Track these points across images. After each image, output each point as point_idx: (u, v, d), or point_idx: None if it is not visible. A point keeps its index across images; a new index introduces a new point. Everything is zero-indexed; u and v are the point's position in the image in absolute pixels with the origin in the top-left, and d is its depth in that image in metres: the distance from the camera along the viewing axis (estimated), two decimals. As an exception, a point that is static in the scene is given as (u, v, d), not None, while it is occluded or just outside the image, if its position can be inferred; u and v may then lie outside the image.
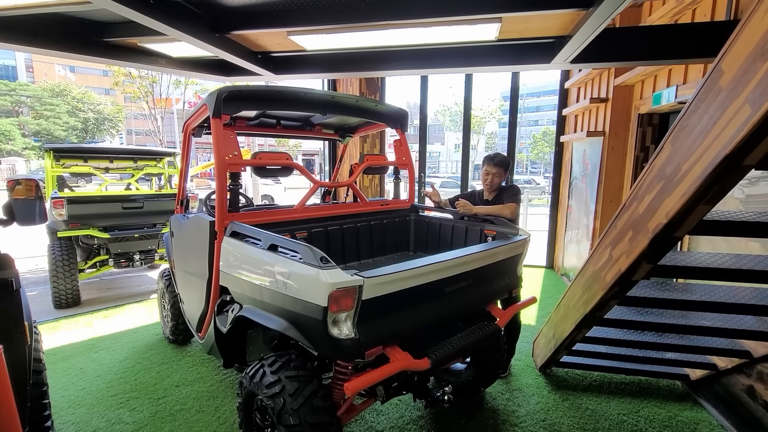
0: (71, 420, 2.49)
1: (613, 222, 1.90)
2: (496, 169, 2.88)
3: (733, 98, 1.02)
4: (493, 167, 2.88)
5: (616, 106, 4.25)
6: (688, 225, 1.37)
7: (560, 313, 2.66)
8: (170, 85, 22.93)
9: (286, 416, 1.62)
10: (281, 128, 3.18)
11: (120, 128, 32.72)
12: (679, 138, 1.30)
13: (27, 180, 2.05)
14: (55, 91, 28.67)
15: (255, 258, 1.89)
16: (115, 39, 3.31)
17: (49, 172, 4.80)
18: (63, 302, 4.37)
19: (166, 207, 4.88)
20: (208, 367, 3.12)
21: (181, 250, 2.85)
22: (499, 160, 2.89)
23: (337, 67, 3.82)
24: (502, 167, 2.88)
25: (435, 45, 3.48)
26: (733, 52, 1.03)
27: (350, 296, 1.55)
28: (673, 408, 2.63)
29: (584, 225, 4.92)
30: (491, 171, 2.89)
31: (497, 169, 2.88)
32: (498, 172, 2.88)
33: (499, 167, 2.88)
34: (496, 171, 2.88)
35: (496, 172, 2.88)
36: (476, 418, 2.52)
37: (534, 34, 3.20)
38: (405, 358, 1.74)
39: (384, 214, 3.14)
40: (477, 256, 2.03)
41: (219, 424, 2.43)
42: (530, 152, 39.02)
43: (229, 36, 3.26)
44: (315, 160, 31.67)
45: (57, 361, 3.24)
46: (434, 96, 59.73)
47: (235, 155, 2.21)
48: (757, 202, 2.48)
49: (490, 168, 2.89)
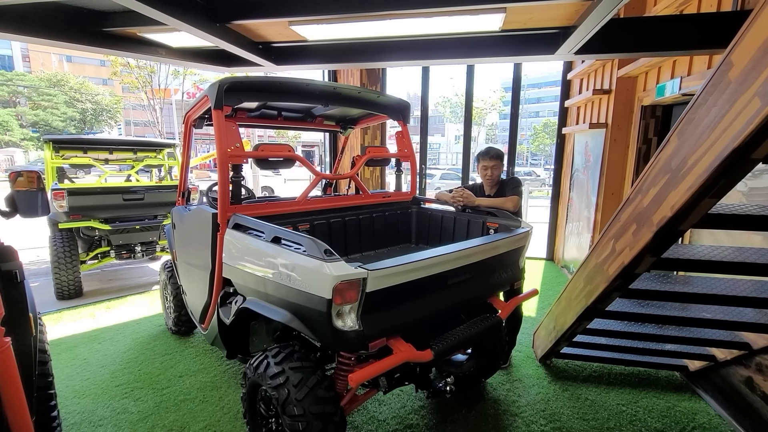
0: (77, 409, 2.52)
1: (617, 215, 1.90)
2: (492, 162, 2.90)
3: (742, 91, 1.02)
4: (489, 161, 2.90)
5: (619, 98, 4.22)
6: (692, 218, 1.37)
7: (561, 305, 2.67)
8: (169, 75, 22.74)
9: (290, 406, 1.64)
10: (282, 120, 3.16)
11: (119, 119, 32.50)
12: (686, 131, 1.29)
13: (29, 172, 2.05)
14: (53, 81, 28.39)
15: (258, 250, 1.89)
16: (114, 29, 3.27)
17: (49, 163, 4.78)
18: (65, 293, 4.39)
19: (166, 198, 4.88)
20: (212, 358, 3.15)
21: (183, 242, 2.86)
22: (494, 153, 2.91)
23: (338, 57, 3.78)
24: (498, 159, 2.91)
25: (437, 36, 3.44)
26: (744, 45, 1.02)
27: (354, 289, 1.56)
28: (672, 398, 2.66)
29: (585, 217, 4.92)
30: (488, 165, 2.91)
31: (494, 162, 2.90)
32: (495, 164, 2.90)
33: (495, 159, 2.90)
34: (493, 164, 2.90)
35: (493, 165, 2.90)
36: (477, 408, 2.55)
37: (538, 25, 3.17)
38: (408, 350, 1.75)
39: (386, 206, 3.14)
40: (479, 249, 2.03)
41: (223, 413, 2.46)
42: (531, 144, 38.85)
43: (230, 26, 3.22)
44: (315, 151, 31.54)
45: (61, 351, 3.26)
46: (435, 87, 59.42)
47: (237, 147, 2.20)
48: (760, 194, 2.48)
49: (487, 162, 2.91)
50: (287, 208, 2.56)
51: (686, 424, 2.40)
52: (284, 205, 2.57)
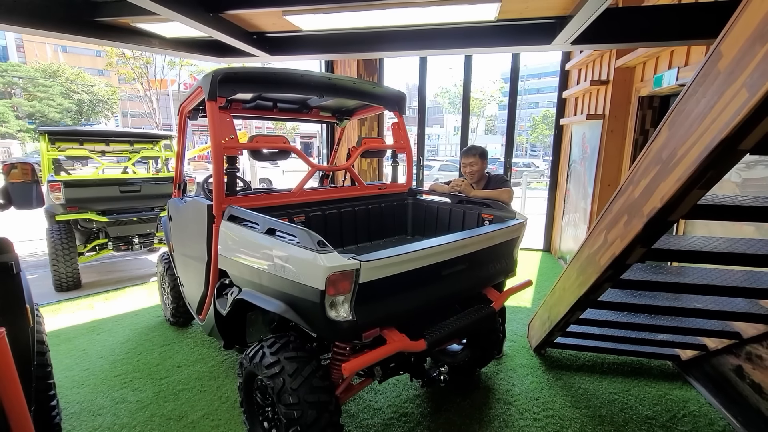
0: (76, 399, 2.55)
1: (609, 206, 1.91)
2: (472, 158, 3.02)
3: (730, 82, 1.02)
4: (469, 158, 3.03)
5: (616, 89, 4.20)
6: (682, 209, 1.38)
7: (555, 296, 2.70)
8: (165, 65, 22.52)
9: (286, 395, 1.67)
10: (278, 111, 3.14)
11: (115, 110, 32.24)
12: (676, 122, 1.29)
13: (23, 164, 2.05)
14: (48, 72, 28.08)
15: (253, 242, 1.90)
16: (107, 19, 3.23)
17: (45, 155, 4.76)
18: (64, 285, 4.41)
19: (163, 190, 4.87)
20: (209, 348, 3.18)
21: (179, 233, 2.86)
22: (474, 150, 3.04)
23: (334, 48, 3.75)
24: (478, 155, 3.02)
25: (434, 25, 3.41)
26: (733, 35, 1.01)
27: (347, 279, 1.57)
28: (663, 387, 2.70)
29: (582, 208, 4.93)
30: (467, 162, 3.04)
31: (474, 158, 3.02)
32: (475, 160, 3.02)
33: (475, 156, 3.02)
34: (473, 160, 3.02)
35: (473, 161, 3.02)
36: (472, 396, 2.59)
37: (534, 14, 3.14)
38: (402, 340, 1.78)
39: (382, 197, 3.14)
40: (473, 240, 2.04)
41: (221, 403, 2.50)
42: (530, 135, 38.70)
43: (224, 15, 3.18)
44: (313, 143, 31.41)
45: (60, 342, 3.29)
46: (433, 78, 58.91)
47: (232, 138, 2.19)
48: (753, 186, 2.49)
49: (467, 159, 3.04)
50: (283, 200, 2.57)
51: (677, 411, 2.45)
52: (280, 197, 2.57)
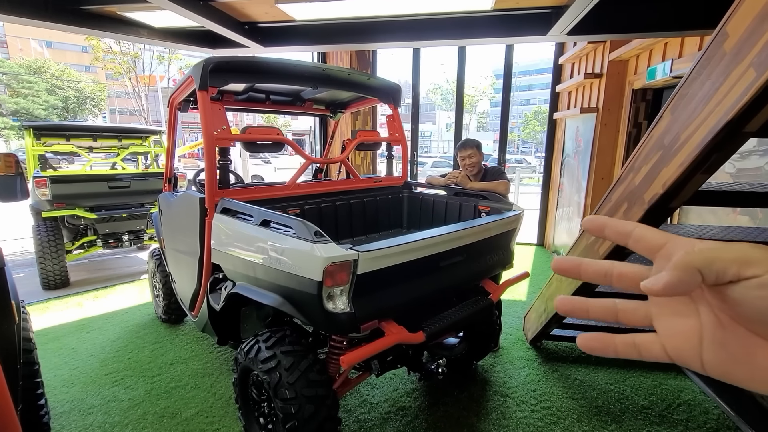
0: (65, 398, 2.48)
1: (608, 195, 1.89)
2: (470, 150, 3.01)
3: (737, 62, 1.00)
4: (467, 150, 3.02)
5: (610, 82, 4.21)
6: (684, 195, 1.37)
7: (552, 287, 2.69)
8: (153, 60, 22.15)
9: (283, 390, 1.63)
10: (271, 103, 3.09)
11: (103, 107, 31.61)
12: (679, 106, 1.28)
13: (6, 156, 1.98)
14: (33, 68, 27.42)
15: (247, 234, 1.85)
16: (93, 7, 3.14)
17: (30, 150, 4.64)
18: (51, 283, 4.31)
19: (153, 186, 4.77)
20: (202, 345, 3.12)
21: (170, 228, 2.80)
22: (471, 143, 3.03)
23: (327, 38, 3.69)
24: (475, 147, 3.02)
25: (428, 15, 3.37)
26: (740, 13, 0.99)
27: (345, 271, 1.54)
28: (659, 377, 2.71)
29: (575, 202, 4.95)
30: (465, 154, 3.03)
31: (471, 150, 3.01)
32: (473, 152, 3.02)
33: (473, 148, 3.02)
34: (471, 152, 3.02)
35: (471, 153, 3.02)
36: (469, 389, 2.58)
37: (530, 4, 3.12)
38: (400, 332, 1.75)
39: (377, 191, 3.11)
40: (471, 231, 2.02)
41: (215, 399, 2.45)
42: (522, 131, 38.89)
43: (214, 4, 3.11)
44: (305, 139, 31.18)
45: (48, 341, 3.21)
46: (426, 74, 58.88)
47: (224, 130, 2.14)
48: (747, 176, 2.51)
49: (464, 152, 3.03)
50: (276, 193, 2.52)
51: (672, 401, 2.46)
52: (273, 190, 2.52)
